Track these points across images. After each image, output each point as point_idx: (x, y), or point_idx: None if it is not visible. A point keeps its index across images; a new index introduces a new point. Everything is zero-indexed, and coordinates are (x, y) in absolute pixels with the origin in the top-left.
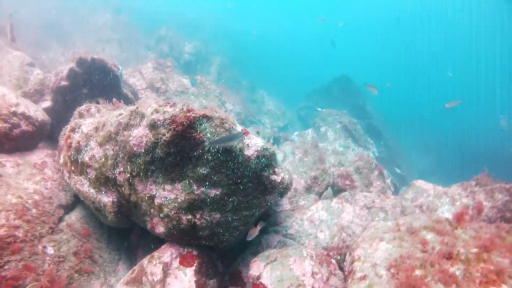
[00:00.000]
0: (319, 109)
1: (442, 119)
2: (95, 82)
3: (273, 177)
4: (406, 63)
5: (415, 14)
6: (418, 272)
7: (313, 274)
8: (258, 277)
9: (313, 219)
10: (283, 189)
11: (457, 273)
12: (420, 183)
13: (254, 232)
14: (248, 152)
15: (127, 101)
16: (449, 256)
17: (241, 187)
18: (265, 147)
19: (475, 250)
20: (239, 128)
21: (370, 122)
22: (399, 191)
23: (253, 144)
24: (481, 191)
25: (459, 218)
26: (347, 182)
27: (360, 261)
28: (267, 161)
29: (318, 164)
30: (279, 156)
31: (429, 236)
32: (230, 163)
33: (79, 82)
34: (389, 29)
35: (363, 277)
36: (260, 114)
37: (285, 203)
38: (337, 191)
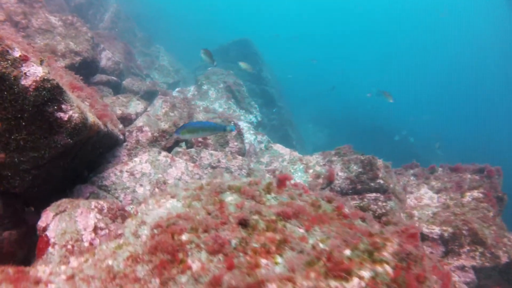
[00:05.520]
0: (209, 69)
1: (340, 95)
2: None
3: (59, 114)
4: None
5: None
6: (184, 237)
7: (95, 228)
8: (45, 229)
9: (134, 171)
10: (71, 129)
11: (233, 242)
12: (277, 147)
13: None
14: (26, 82)
15: None
16: (242, 222)
17: (23, 123)
18: (46, 78)
19: (273, 217)
20: (15, 50)
21: (265, 88)
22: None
23: (32, 73)
24: (339, 161)
25: (280, 181)
26: (200, 139)
27: (133, 218)
28: (49, 94)
29: (186, 120)
30: (139, 108)
31: (231, 197)
32: (5, 93)
33: None
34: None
35: (119, 235)
36: (151, 69)
37: (122, 155)
38: (190, 147)
